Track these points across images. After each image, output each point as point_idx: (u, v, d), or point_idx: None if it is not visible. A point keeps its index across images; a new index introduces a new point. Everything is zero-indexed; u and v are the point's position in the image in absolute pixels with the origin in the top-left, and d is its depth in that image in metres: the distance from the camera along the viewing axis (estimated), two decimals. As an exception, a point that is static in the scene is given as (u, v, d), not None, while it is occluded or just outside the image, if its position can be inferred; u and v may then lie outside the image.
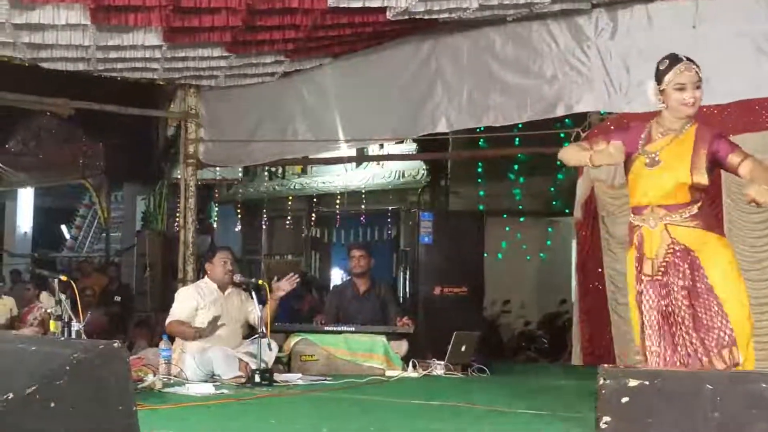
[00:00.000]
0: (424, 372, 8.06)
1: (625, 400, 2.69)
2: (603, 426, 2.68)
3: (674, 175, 4.60)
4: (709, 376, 2.64)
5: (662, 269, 4.60)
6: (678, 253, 4.57)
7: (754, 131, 7.28)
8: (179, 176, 11.48)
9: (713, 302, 4.49)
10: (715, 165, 4.62)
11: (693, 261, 4.55)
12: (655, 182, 4.65)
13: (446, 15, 7.77)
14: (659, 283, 4.62)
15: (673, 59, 4.73)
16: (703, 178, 4.58)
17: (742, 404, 2.60)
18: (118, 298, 13.06)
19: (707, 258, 4.55)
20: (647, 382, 2.70)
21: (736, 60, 7.37)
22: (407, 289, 13.41)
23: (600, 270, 7.94)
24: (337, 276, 18.09)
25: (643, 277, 4.68)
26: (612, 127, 4.71)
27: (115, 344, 3.26)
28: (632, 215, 4.76)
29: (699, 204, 4.61)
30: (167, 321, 7.66)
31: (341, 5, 7.29)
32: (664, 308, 4.62)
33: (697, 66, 4.71)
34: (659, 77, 4.73)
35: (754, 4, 7.33)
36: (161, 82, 10.34)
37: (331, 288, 13.23)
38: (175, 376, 7.11)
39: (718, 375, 2.67)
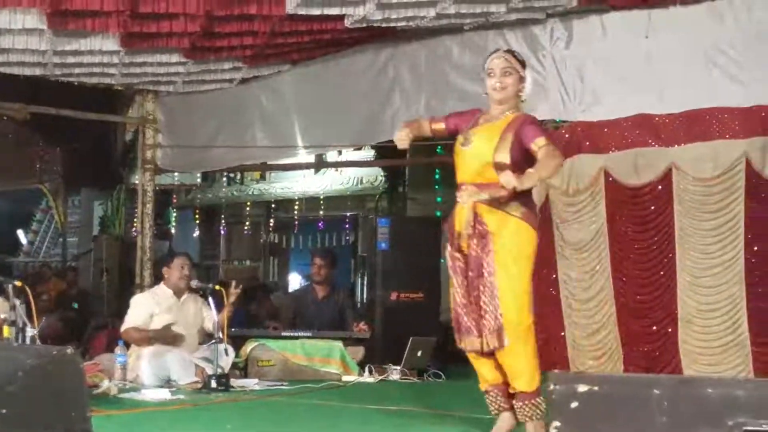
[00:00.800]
0: (381, 377, 8.12)
1: (574, 405, 2.74)
2: (553, 431, 2.73)
3: (479, 153, 4.79)
4: (656, 381, 2.71)
5: (466, 244, 4.80)
6: (476, 232, 4.75)
7: (704, 141, 7.39)
8: (137, 181, 11.43)
9: (493, 286, 4.69)
10: (523, 150, 4.75)
11: (487, 243, 4.72)
12: (466, 160, 4.87)
13: (404, 23, 7.83)
14: (465, 254, 4.83)
15: (494, 51, 5.07)
16: (504, 158, 4.72)
17: (689, 409, 2.66)
18: (75, 304, 12.92)
19: (501, 243, 4.72)
20: (596, 388, 2.75)
21: (688, 70, 7.48)
22: (364, 295, 13.43)
23: (554, 276, 8.02)
24: (295, 281, 18.07)
25: (451, 249, 4.90)
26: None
27: (69, 350, 3.26)
28: (456, 192, 4.97)
29: (516, 192, 4.72)
30: (123, 328, 7.64)
31: (300, 12, 7.31)
32: (464, 276, 4.83)
33: (515, 56, 4.97)
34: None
35: (706, 16, 7.44)
36: (119, 88, 10.29)
37: (289, 293, 13.24)
38: (130, 382, 7.10)
39: (665, 380, 2.73)
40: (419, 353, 8.40)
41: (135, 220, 11.58)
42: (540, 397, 4.72)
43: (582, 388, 2.72)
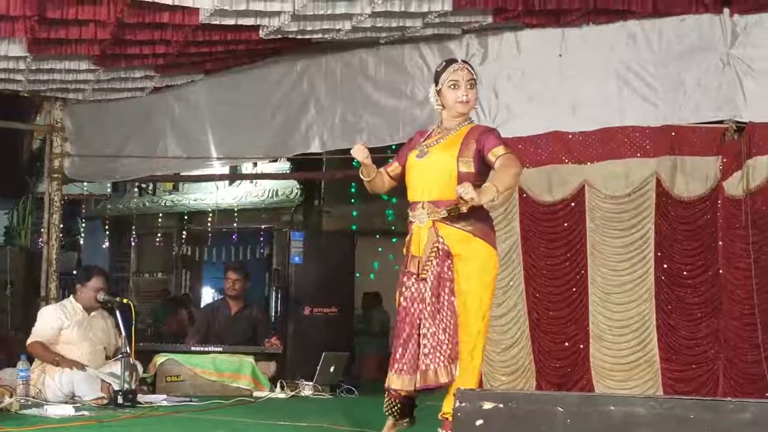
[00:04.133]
0: (292, 393, 8.04)
1: (479, 422, 2.73)
2: (458, 448, 2.70)
3: (441, 163, 4.62)
4: (560, 399, 2.70)
5: (426, 268, 4.57)
6: (440, 255, 4.54)
7: (616, 158, 7.50)
8: (45, 191, 11.18)
9: (448, 314, 4.48)
10: (483, 160, 4.60)
11: (449, 267, 4.53)
12: (423, 174, 4.66)
13: (319, 35, 7.78)
14: (424, 280, 4.58)
15: (449, 61, 4.86)
16: (469, 168, 4.58)
17: (592, 426, 2.66)
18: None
19: (464, 265, 4.55)
20: (501, 405, 2.74)
21: (601, 88, 7.60)
22: (278, 309, 13.34)
23: (468, 291, 8.02)
24: (208, 295, 17.88)
25: (408, 274, 4.65)
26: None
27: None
28: (409, 210, 4.74)
29: (473, 207, 4.50)
30: (29, 340, 7.42)
31: (213, 22, 7.22)
32: (421, 306, 4.57)
33: (472, 68, 4.81)
34: (436, 78, 4.81)
35: (618, 36, 7.56)
36: (26, 94, 10.04)
37: (202, 306, 13.07)
38: (33, 397, 6.90)
39: (569, 397, 2.72)
40: (332, 368, 8.34)
41: (42, 230, 11.31)
42: None
43: (487, 405, 2.70)
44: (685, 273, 7.36)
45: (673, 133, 7.36)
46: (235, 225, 15.94)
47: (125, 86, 9.45)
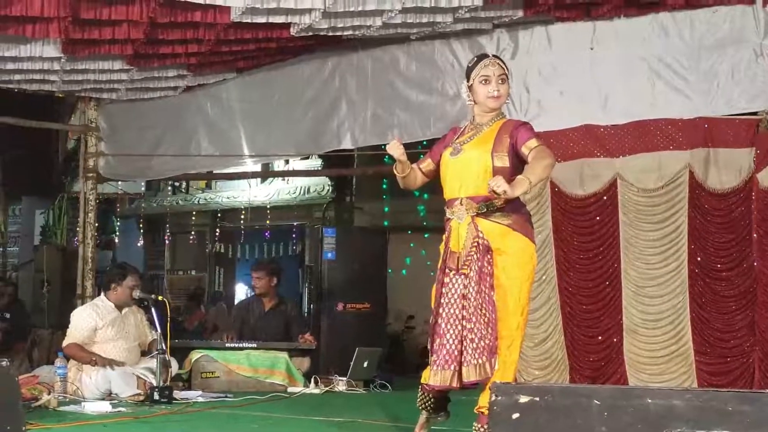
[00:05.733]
0: (327, 388, 8.08)
1: (516, 416, 2.73)
2: (494, 442, 2.72)
3: (475, 159, 4.59)
4: (596, 392, 2.70)
5: (467, 264, 4.52)
6: (480, 249, 4.50)
7: (648, 152, 7.46)
8: (79, 190, 11.28)
9: (489, 308, 4.45)
10: (518, 155, 4.55)
11: (488, 262, 4.50)
12: (458, 171, 4.64)
13: (350, 32, 7.80)
14: (464, 275, 4.53)
15: (480, 56, 4.81)
16: (503, 162, 4.54)
17: (628, 419, 2.66)
18: (7, 315, 12.66)
19: (502, 259, 4.52)
20: (537, 398, 2.74)
21: (632, 81, 7.56)
22: (311, 305, 13.41)
23: (501, 286, 8.02)
24: (242, 292, 17.97)
25: (447, 270, 4.59)
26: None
27: (3, 363, 3.19)
28: (446, 208, 4.71)
29: (509, 200, 4.48)
30: (65, 342, 7.48)
31: (245, 20, 7.25)
32: (462, 302, 4.52)
33: (503, 62, 4.76)
34: (467, 74, 4.77)
35: (650, 29, 7.52)
36: (60, 95, 10.12)
37: (235, 304, 13.15)
38: (71, 395, 6.97)
39: (605, 390, 2.73)
40: (366, 364, 8.37)
41: (77, 229, 11.41)
42: None
43: (523, 399, 2.71)
44: (719, 265, 7.32)
45: (706, 126, 7.32)
46: (267, 222, 16.00)
47: (158, 85, 9.52)
